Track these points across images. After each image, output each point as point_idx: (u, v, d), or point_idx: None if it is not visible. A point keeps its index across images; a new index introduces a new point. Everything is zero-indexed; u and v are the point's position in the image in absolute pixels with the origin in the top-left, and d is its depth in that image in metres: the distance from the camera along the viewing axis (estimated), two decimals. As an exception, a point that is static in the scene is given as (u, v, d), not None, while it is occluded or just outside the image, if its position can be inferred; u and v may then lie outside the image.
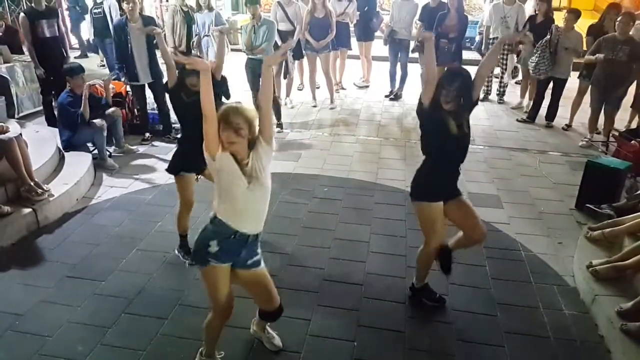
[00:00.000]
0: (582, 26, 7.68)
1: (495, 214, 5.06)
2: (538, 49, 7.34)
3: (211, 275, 2.74)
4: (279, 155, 6.40)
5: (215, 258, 2.69)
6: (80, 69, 6.01)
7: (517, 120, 7.90)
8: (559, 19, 7.83)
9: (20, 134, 5.09)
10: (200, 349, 3.08)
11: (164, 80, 5.11)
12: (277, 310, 3.03)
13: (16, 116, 7.25)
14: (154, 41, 6.47)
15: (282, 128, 7.34)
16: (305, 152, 6.62)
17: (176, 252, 4.26)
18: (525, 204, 5.32)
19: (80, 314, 3.57)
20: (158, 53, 6.69)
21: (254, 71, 7.09)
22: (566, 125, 7.59)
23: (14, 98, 7.42)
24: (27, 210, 4.62)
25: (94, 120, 5.97)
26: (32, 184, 4.78)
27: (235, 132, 2.53)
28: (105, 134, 6.03)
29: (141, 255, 4.29)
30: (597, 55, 6.46)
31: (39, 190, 4.79)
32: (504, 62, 8.41)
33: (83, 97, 5.84)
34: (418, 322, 3.59)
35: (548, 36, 7.24)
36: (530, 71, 7.61)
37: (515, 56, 8.28)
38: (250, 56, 7.10)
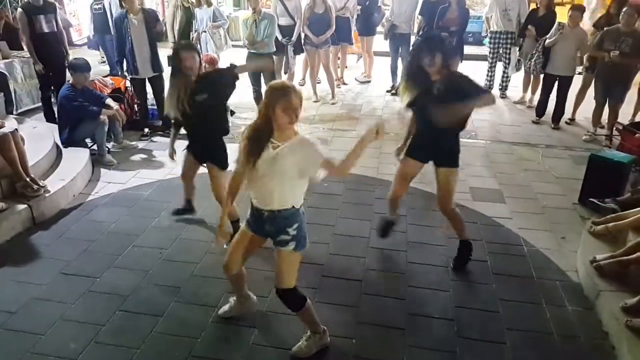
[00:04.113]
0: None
1: (497, 209, 4.98)
2: (540, 44, 7.24)
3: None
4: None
5: (247, 224, 3.14)
6: (84, 67, 5.93)
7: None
8: (562, 14, 7.71)
9: (16, 129, 5.03)
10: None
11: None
12: (277, 291, 3.06)
13: (15, 112, 7.20)
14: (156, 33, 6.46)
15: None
16: (306, 147, 6.53)
17: None
18: (528, 198, 5.23)
19: (74, 311, 3.50)
20: (160, 49, 6.68)
21: (255, 66, 7.03)
22: (569, 119, 7.48)
23: (12, 94, 7.38)
24: (23, 206, 4.56)
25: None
26: (28, 179, 4.71)
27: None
28: (106, 129, 5.97)
29: (137, 252, 4.22)
30: (612, 52, 6.23)
31: (35, 187, 4.72)
32: (507, 55, 8.32)
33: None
34: (418, 319, 3.52)
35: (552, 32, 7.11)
36: (530, 67, 7.57)
37: (517, 49, 8.19)
38: (251, 51, 7.03)
